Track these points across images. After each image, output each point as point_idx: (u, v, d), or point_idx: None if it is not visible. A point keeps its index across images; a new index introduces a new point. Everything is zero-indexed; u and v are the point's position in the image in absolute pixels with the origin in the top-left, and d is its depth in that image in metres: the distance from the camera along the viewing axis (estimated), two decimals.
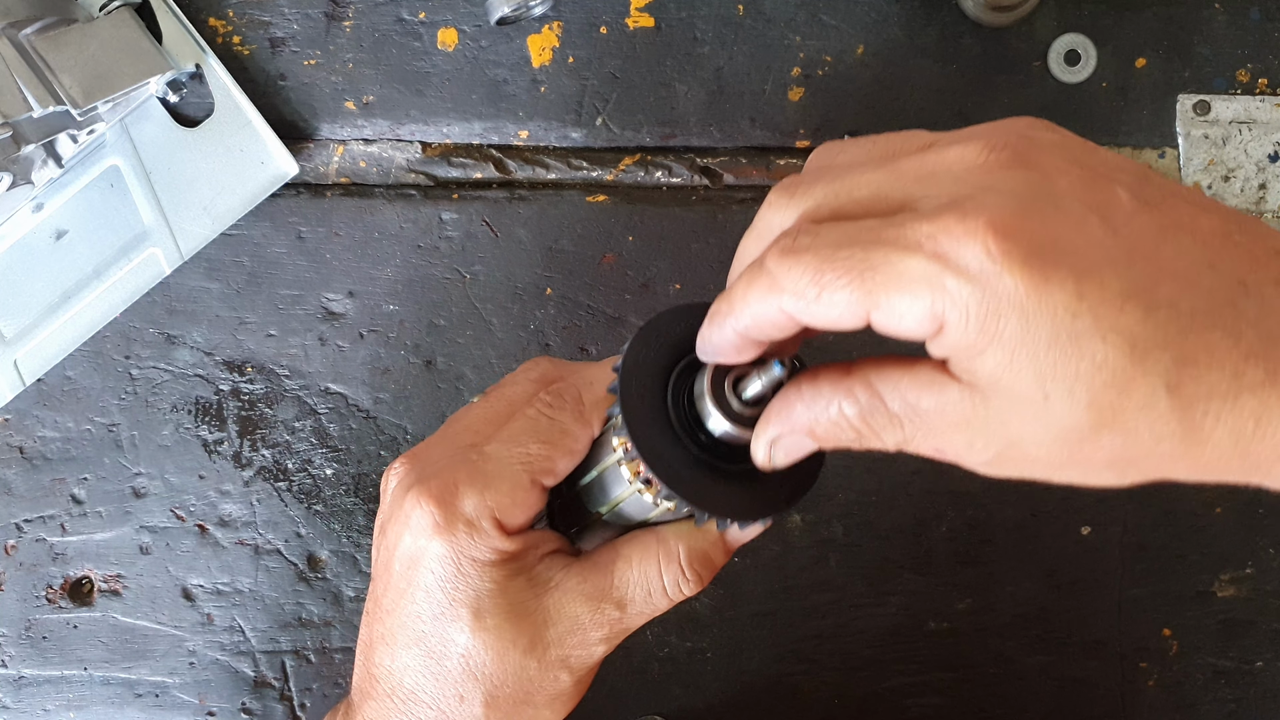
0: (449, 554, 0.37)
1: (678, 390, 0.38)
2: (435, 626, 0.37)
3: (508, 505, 0.37)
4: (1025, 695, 0.54)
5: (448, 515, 0.37)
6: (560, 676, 0.38)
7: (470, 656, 0.37)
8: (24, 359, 0.54)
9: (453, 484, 0.37)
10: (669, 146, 0.55)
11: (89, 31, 0.51)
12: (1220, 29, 0.55)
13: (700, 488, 0.37)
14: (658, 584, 0.38)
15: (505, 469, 0.37)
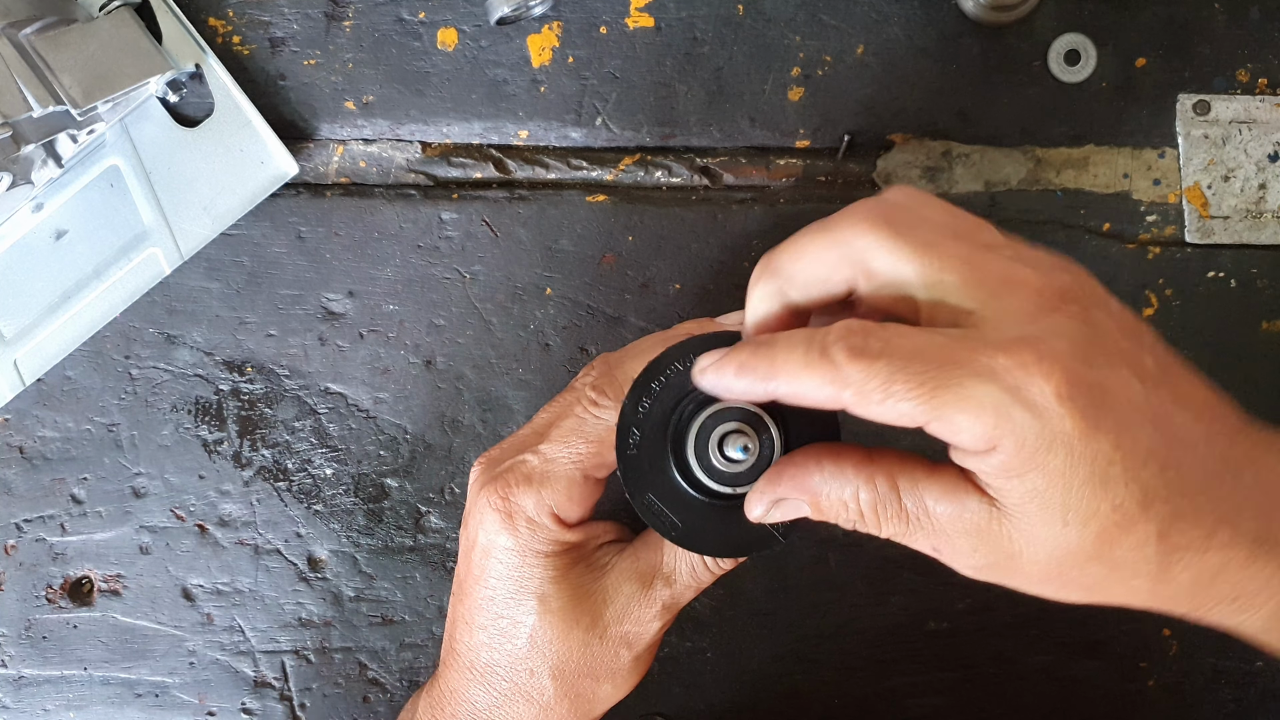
0: (514, 547, 0.41)
1: (679, 427, 0.39)
2: (506, 609, 0.41)
3: (564, 501, 0.41)
4: (1025, 695, 0.54)
5: (512, 513, 0.41)
6: (620, 653, 0.42)
7: (537, 636, 0.41)
8: (24, 359, 0.54)
9: (515, 484, 0.41)
10: (669, 146, 0.55)
11: (89, 31, 0.51)
12: (1220, 29, 0.55)
13: (687, 522, 0.39)
14: (699, 558, 0.42)
15: (560, 468, 0.41)
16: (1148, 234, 0.55)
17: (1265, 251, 0.55)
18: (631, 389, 0.40)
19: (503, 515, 0.41)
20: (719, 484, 0.39)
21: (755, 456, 0.38)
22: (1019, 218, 0.55)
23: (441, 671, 0.44)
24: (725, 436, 0.39)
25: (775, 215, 0.55)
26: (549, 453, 0.41)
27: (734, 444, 0.39)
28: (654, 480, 0.40)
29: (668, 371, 0.40)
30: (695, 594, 0.43)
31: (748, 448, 0.38)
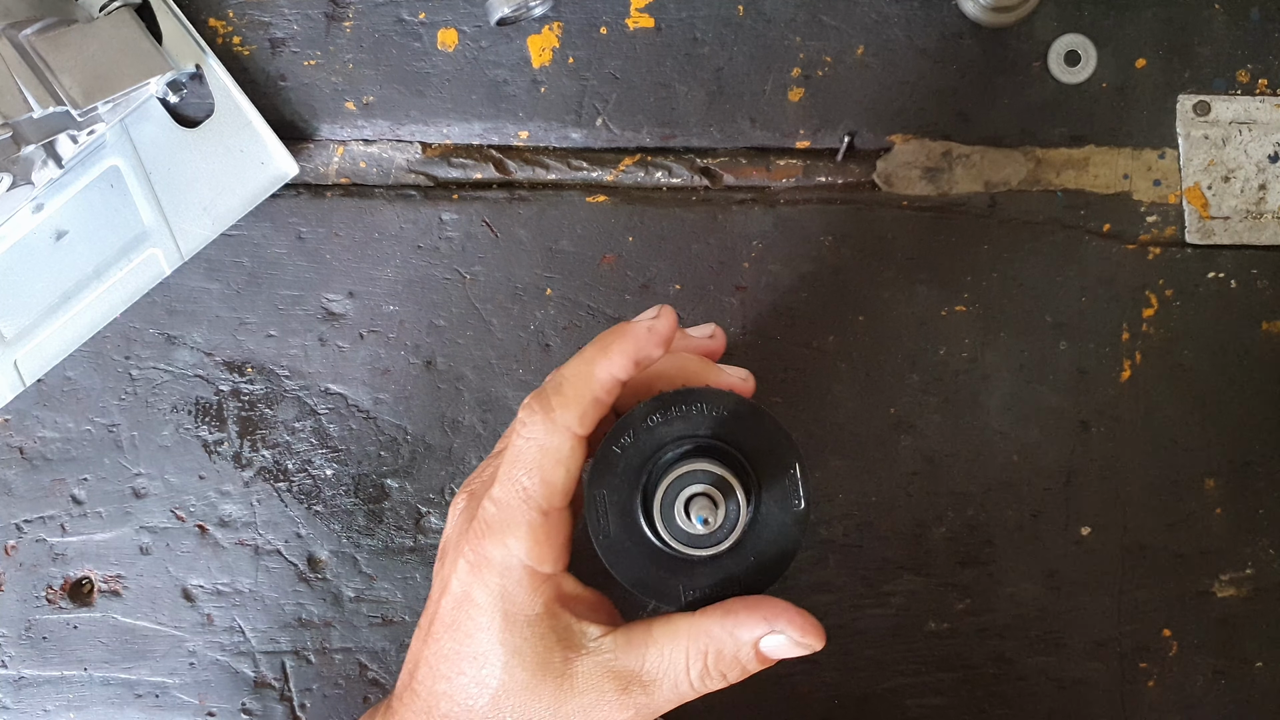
0: (485, 604, 0.38)
1: (649, 483, 0.39)
2: (472, 667, 0.39)
3: (532, 548, 0.38)
4: (1025, 696, 0.54)
5: (482, 566, 0.38)
6: None
7: (500, 700, 0.38)
8: (24, 359, 0.54)
9: (481, 535, 0.39)
10: (669, 147, 0.55)
11: (89, 32, 0.51)
12: (1220, 29, 0.55)
13: (651, 578, 0.39)
14: (684, 677, 0.39)
15: (515, 514, 0.38)
16: (1148, 234, 0.55)
17: (1265, 252, 0.55)
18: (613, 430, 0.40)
19: (473, 567, 0.39)
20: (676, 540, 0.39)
21: (715, 527, 0.39)
22: (1019, 218, 0.55)
23: (397, 707, 0.42)
24: (692, 499, 0.39)
25: (775, 216, 0.55)
26: (498, 495, 0.39)
27: (697, 511, 0.39)
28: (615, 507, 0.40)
29: (645, 422, 0.40)
30: (671, 707, 0.39)
31: (708, 520, 0.39)
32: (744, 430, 0.41)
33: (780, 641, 0.38)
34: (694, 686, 0.39)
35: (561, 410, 0.38)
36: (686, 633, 0.38)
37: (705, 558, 0.40)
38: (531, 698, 0.38)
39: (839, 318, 0.55)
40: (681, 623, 0.38)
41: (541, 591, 0.38)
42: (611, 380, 0.38)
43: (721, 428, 0.40)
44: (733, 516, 0.39)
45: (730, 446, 0.40)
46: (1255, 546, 0.54)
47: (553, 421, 0.38)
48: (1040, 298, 0.55)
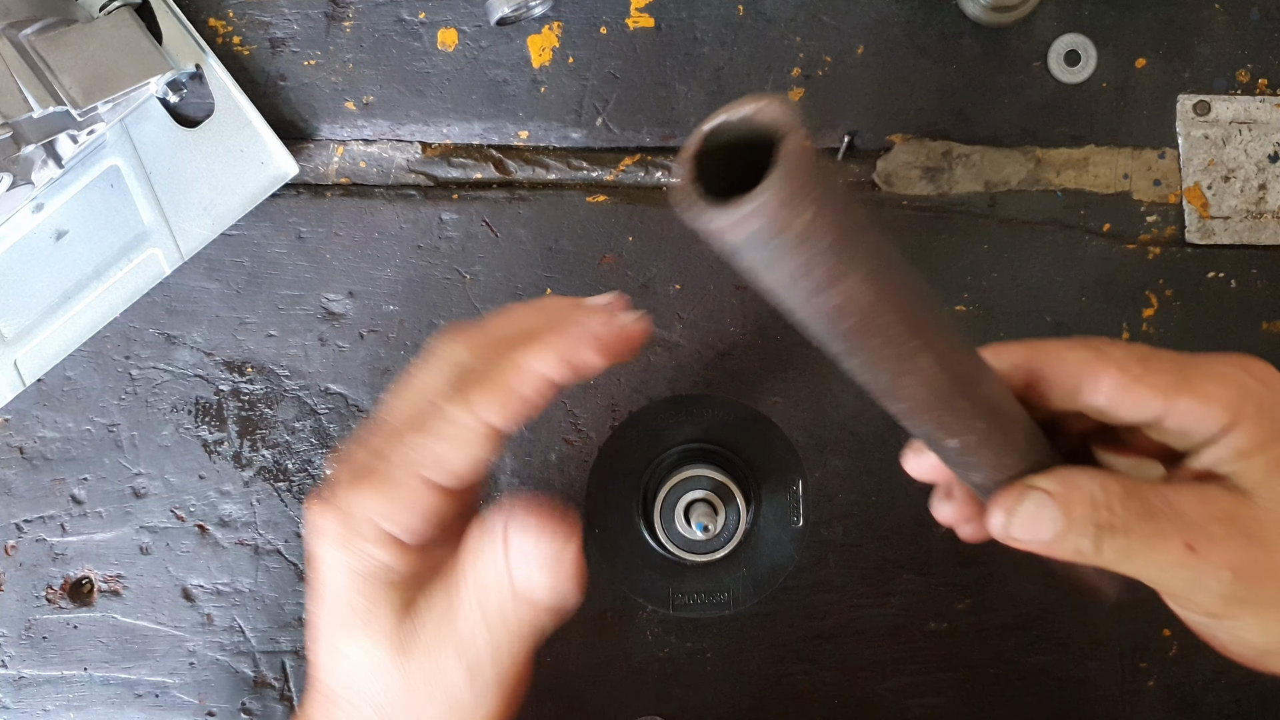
0: (338, 564, 0.34)
1: (651, 483, 0.39)
2: (333, 635, 0.35)
3: (391, 511, 0.33)
4: (1025, 696, 0.54)
5: (338, 523, 0.34)
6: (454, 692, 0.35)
7: (359, 673, 0.35)
8: (24, 359, 0.54)
9: (344, 484, 0.34)
10: (669, 147, 0.55)
11: (89, 32, 0.51)
12: (1220, 29, 0.55)
13: (642, 578, 0.39)
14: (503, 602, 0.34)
15: (385, 467, 0.34)
16: (1148, 234, 0.55)
17: (1265, 252, 0.55)
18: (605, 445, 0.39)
19: (326, 521, 0.34)
20: (672, 543, 0.39)
21: (713, 535, 0.39)
22: (1019, 218, 0.55)
23: (308, 694, 0.39)
24: (692, 505, 0.39)
25: None
26: (379, 448, 0.34)
27: (698, 517, 0.39)
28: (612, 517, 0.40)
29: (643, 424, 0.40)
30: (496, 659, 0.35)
31: (707, 527, 0.39)
32: (751, 440, 0.41)
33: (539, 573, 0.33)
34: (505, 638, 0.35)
35: (482, 400, 0.33)
36: (468, 574, 0.34)
37: (698, 564, 0.40)
38: (383, 667, 0.35)
39: None
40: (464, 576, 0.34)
41: (399, 559, 0.34)
42: (545, 383, 0.34)
43: (729, 435, 0.40)
44: (731, 525, 0.39)
45: (735, 455, 0.41)
46: None
47: (464, 399, 0.33)
48: (1040, 297, 0.55)
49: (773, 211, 0.22)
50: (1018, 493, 0.34)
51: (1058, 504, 0.33)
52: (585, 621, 0.53)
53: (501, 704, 0.36)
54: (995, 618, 0.54)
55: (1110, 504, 0.33)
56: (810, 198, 0.23)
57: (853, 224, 0.24)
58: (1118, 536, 0.33)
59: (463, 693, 0.35)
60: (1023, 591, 0.54)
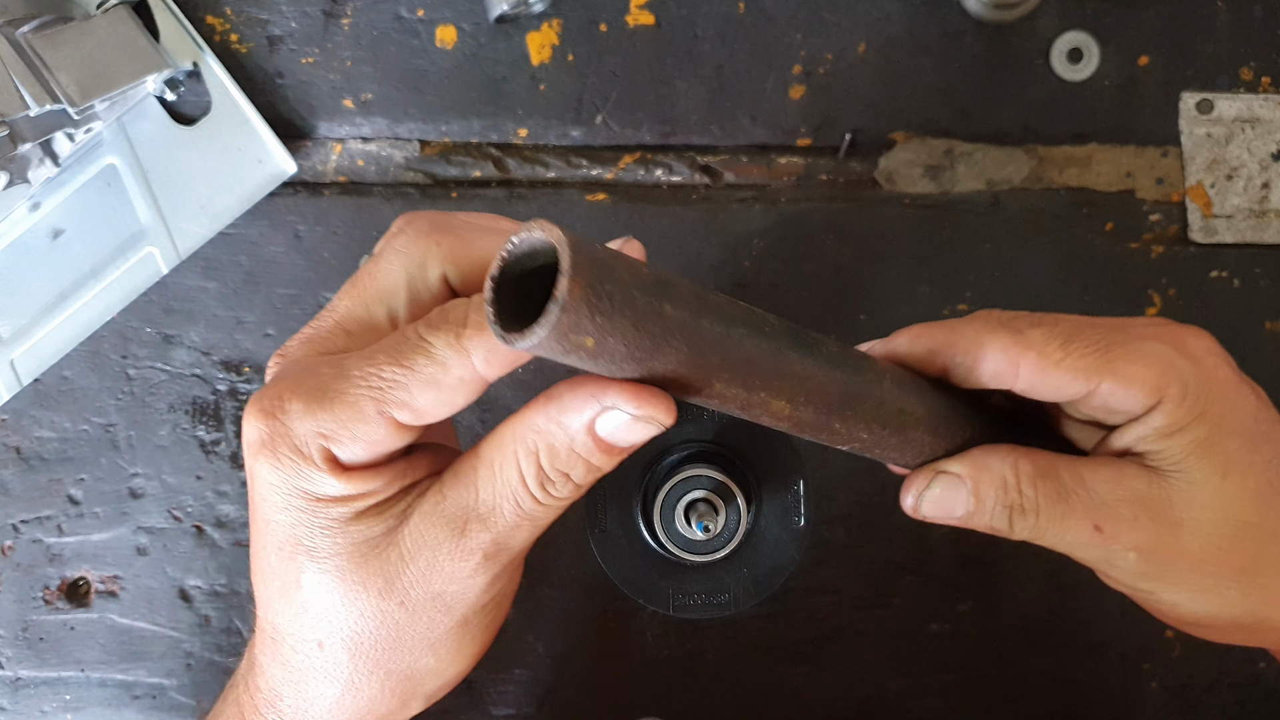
0: (278, 483, 0.31)
1: (652, 482, 0.39)
2: (278, 563, 0.32)
3: (345, 437, 0.30)
4: (1027, 697, 0.54)
5: (273, 436, 0.30)
6: (436, 619, 0.32)
7: (314, 602, 0.32)
8: (21, 359, 0.54)
9: (286, 397, 0.30)
10: (669, 145, 0.55)
11: (86, 29, 0.51)
12: (1223, 27, 0.55)
13: (641, 577, 0.39)
14: (522, 490, 0.31)
15: (350, 392, 0.30)
16: (1151, 233, 0.55)
17: (1268, 251, 0.55)
18: None
19: (265, 436, 0.30)
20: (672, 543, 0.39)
21: (714, 535, 0.39)
22: (1022, 216, 0.55)
23: (254, 633, 0.36)
24: (693, 505, 0.39)
25: (776, 214, 0.54)
26: (347, 367, 0.30)
27: (698, 517, 0.39)
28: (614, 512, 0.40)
29: None
30: (530, 535, 0.33)
31: (708, 528, 0.39)
32: (752, 440, 0.40)
33: (618, 420, 0.30)
34: (538, 499, 0.32)
35: (478, 342, 0.30)
36: (512, 436, 0.31)
37: (699, 564, 0.40)
38: (352, 592, 0.31)
39: (841, 317, 0.54)
40: (505, 428, 0.31)
41: (342, 483, 0.31)
42: None
43: (730, 435, 0.40)
44: (732, 526, 0.39)
45: (736, 455, 0.40)
46: None
47: (457, 343, 0.30)
48: (1043, 296, 0.54)
49: (557, 341, 0.24)
50: (927, 476, 0.35)
51: (968, 486, 0.35)
52: (585, 622, 0.53)
53: (507, 599, 0.35)
54: (997, 619, 0.54)
55: (1020, 485, 0.34)
56: (588, 326, 0.24)
57: (650, 318, 0.26)
58: (1028, 517, 0.34)
59: (482, 592, 0.33)
60: (1025, 593, 0.54)
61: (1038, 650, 0.54)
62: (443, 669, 0.34)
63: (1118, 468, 0.34)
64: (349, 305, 0.33)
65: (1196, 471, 0.33)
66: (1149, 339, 0.34)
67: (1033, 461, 0.34)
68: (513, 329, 0.25)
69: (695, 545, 0.40)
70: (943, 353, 0.35)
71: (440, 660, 0.34)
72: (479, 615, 0.34)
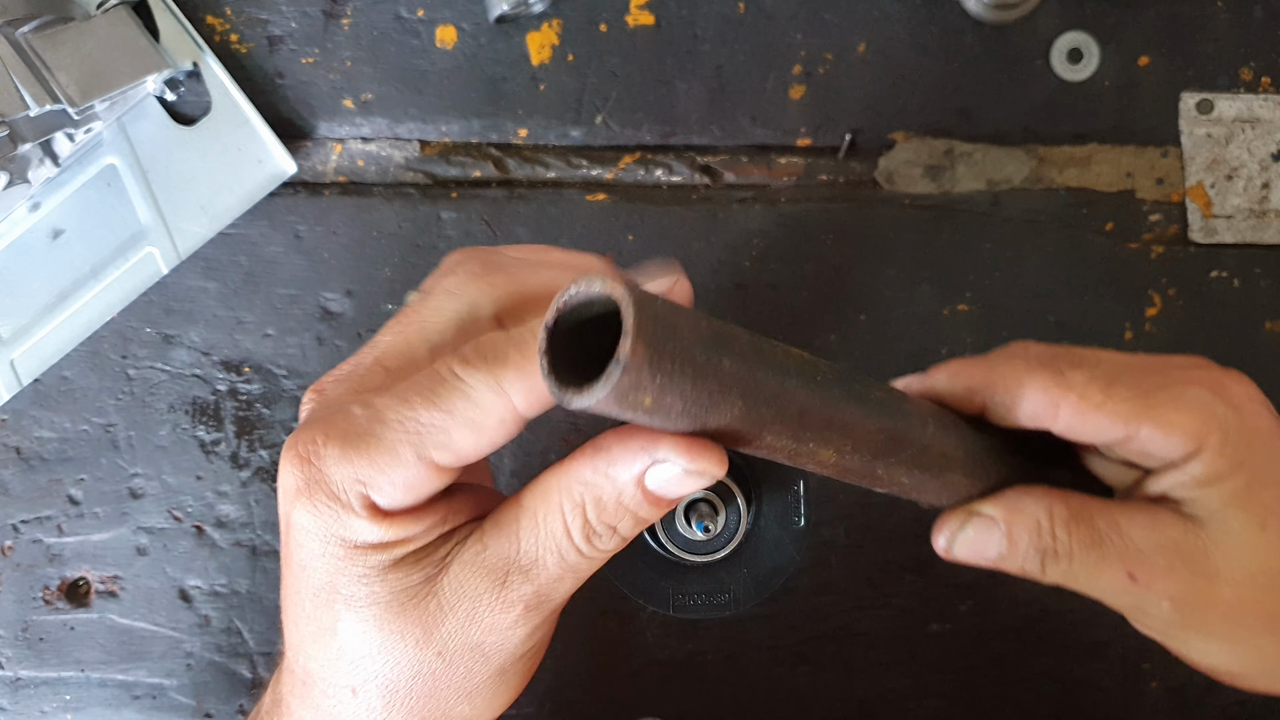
0: (314, 530, 0.30)
1: None
2: (314, 609, 0.31)
3: (384, 484, 0.29)
4: (1027, 697, 0.54)
5: (310, 482, 0.30)
6: (473, 669, 0.32)
7: (349, 648, 0.31)
8: (21, 359, 0.54)
9: (324, 442, 0.30)
10: (669, 145, 0.55)
11: (86, 30, 0.51)
12: (1223, 27, 0.55)
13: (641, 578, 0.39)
14: (566, 542, 0.31)
15: (386, 436, 0.29)
16: (1151, 233, 0.55)
17: (1269, 251, 0.55)
18: None
19: (301, 482, 0.30)
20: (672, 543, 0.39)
21: (714, 535, 0.39)
22: (1022, 217, 0.55)
23: (280, 671, 0.36)
24: (693, 505, 0.39)
25: (776, 214, 0.54)
26: (382, 408, 0.30)
27: (698, 517, 0.39)
28: None
29: None
30: (572, 586, 0.32)
31: (708, 528, 0.39)
32: None
33: (670, 473, 0.29)
34: (582, 552, 0.31)
35: (517, 374, 0.29)
36: (557, 487, 0.31)
37: (699, 564, 0.40)
38: (389, 640, 0.31)
39: (841, 317, 0.54)
40: (550, 478, 0.31)
41: (382, 528, 0.30)
42: None
43: None
44: (732, 526, 0.39)
45: (736, 455, 0.40)
46: None
47: (495, 382, 0.29)
48: (1043, 296, 0.54)
49: (615, 401, 0.24)
50: (960, 517, 0.35)
51: (1001, 529, 0.34)
52: (585, 622, 0.53)
53: (544, 647, 0.34)
54: (997, 620, 0.54)
55: (1055, 529, 0.34)
56: (648, 385, 0.24)
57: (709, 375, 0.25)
58: (1061, 561, 0.34)
59: (521, 643, 0.32)
60: (1025, 593, 0.54)
61: (1038, 650, 0.54)
62: (477, 715, 0.34)
63: (1153, 514, 0.34)
64: (391, 341, 0.33)
65: (1234, 521, 0.33)
66: (1190, 384, 0.33)
67: (1067, 505, 0.34)
68: (568, 384, 0.24)
69: (695, 545, 0.40)
70: (981, 391, 0.35)
71: (475, 708, 0.33)
72: (517, 664, 0.33)
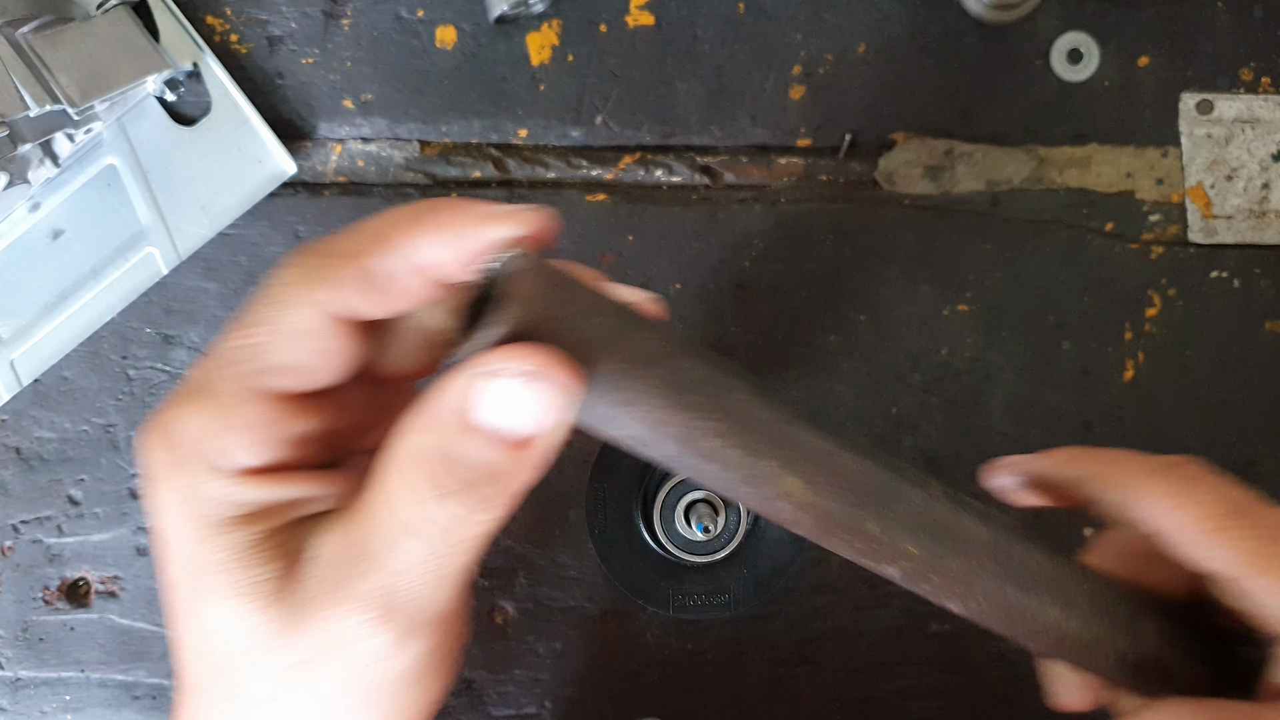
0: (173, 505, 0.26)
1: (651, 483, 0.39)
2: (183, 600, 0.27)
3: (224, 432, 0.25)
4: (1028, 697, 0.54)
5: (166, 453, 0.26)
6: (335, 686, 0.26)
7: (220, 651, 0.27)
8: (21, 360, 0.54)
9: (168, 407, 0.26)
10: (669, 145, 0.55)
11: (86, 30, 0.51)
12: (1223, 27, 0.55)
13: (641, 578, 0.39)
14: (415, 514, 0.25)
15: (217, 376, 0.26)
16: (1151, 234, 0.55)
17: (1269, 251, 0.55)
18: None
19: (157, 456, 0.26)
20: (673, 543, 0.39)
21: (714, 535, 0.39)
22: (1022, 217, 0.55)
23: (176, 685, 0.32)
24: (693, 505, 0.39)
25: (776, 214, 0.54)
26: (216, 350, 0.27)
27: (699, 518, 0.39)
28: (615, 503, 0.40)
29: None
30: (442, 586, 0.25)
31: (708, 528, 0.39)
32: None
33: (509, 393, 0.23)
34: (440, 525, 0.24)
35: (326, 275, 0.26)
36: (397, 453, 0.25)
37: (699, 564, 0.40)
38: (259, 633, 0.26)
39: (840, 317, 0.54)
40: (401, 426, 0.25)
41: (241, 488, 0.26)
42: (429, 264, 0.25)
43: None
44: (732, 526, 0.39)
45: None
46: None
47: (307, 286, 0.26)
48: (1043, 297, 0.54)
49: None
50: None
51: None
52: (585, 622, 0.53)
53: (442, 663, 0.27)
54: None
55: None
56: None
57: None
58: None
59: (388, 656, 0.26)
60: None
61: None
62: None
63: None
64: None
65: None
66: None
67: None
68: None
69: (695, 545, 0.40)
70: (1091, 483, 0.32)
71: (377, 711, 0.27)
72: (392, 684, 0.26)
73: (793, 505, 0.25)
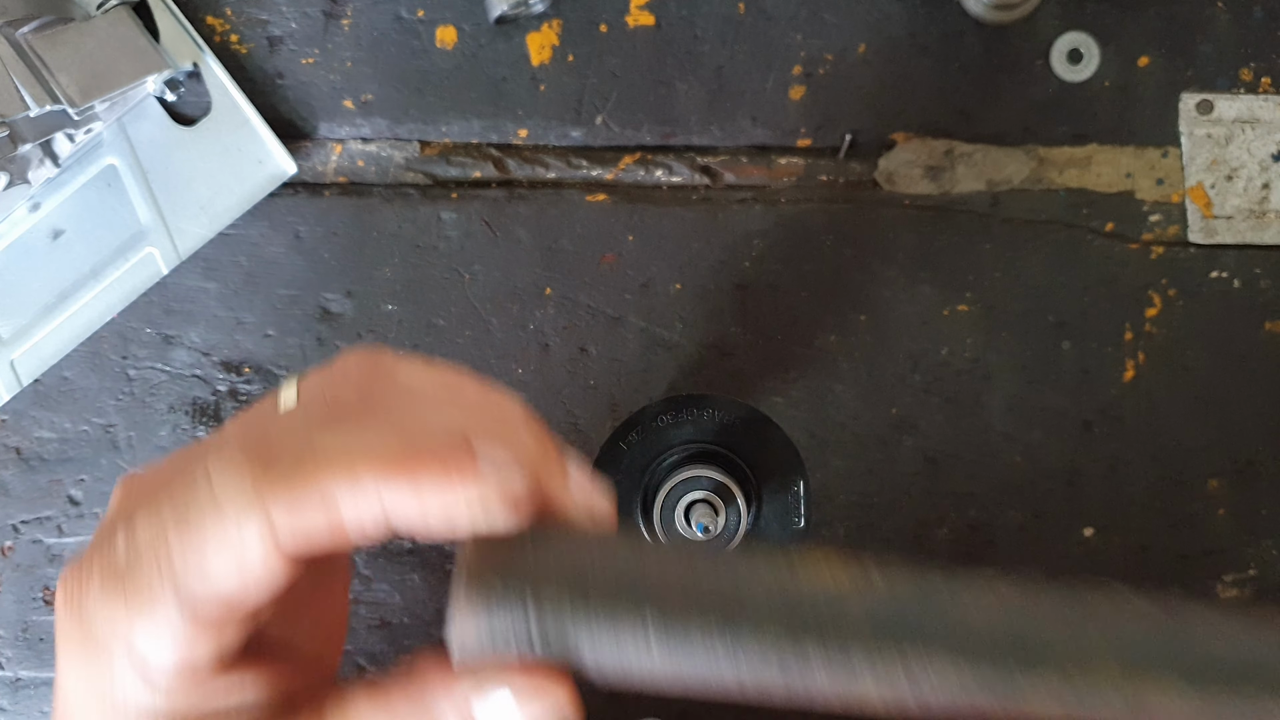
0: (85, 688, 0.23)
1: (651, 483, 0.39)
2: None
3: (144, 634, 0.23)
4: None
5: (77, 628, 0.23)
6: None
7: None
8: (21, 360, 0.54)
9: (86, 576, 0.23)
10: (669, 145, 0.55)
11: (86, 30, 0.51)
12: (1223, 28, 0.55)
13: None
14: None
15: (141, 568, 0.23)
16: (1151, 234, 0.55)
17: (1269, 251, 0.55)
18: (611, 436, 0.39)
19: (68, 628, 0.23)
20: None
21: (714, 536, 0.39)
22: (1021, 217, 0.55)
23: None
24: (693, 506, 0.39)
25: (776, 215, 0.54)
26: (137, 529, 0.23)
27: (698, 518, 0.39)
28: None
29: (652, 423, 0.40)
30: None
31: (708, 529, 0.39)
32: (752, 440, 0.40)
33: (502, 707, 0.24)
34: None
35: (279, 498, 0.23)
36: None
37: None
38: None
39: (840, 317, 0.54)
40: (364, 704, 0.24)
41: (170, 694, 0.23)
42: (384, 515, 0.23)
43: (730, 435, 0.40)
44: (732, 526, 0.39)
45: (736, 455, 0.40)
46: (1259, 547, 0.54)
47: (257, 503, 0.22)
48: (1043, 297, 0.54)
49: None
50: None
51: None
52: None
53: None
54: None
55: None
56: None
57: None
58: None
59: None
60: None
61: None
62: None
63: None
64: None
65: None
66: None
67: None
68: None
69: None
70: None
71: None
72: None
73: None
